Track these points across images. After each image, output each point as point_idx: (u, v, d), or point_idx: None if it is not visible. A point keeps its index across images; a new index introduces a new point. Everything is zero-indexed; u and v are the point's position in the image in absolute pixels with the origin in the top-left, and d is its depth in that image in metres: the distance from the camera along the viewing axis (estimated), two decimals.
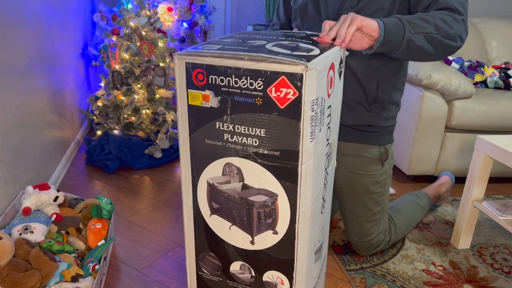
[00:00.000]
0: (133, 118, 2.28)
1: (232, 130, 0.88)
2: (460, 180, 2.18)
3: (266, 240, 0.96)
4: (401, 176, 2.25)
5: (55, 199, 1.37)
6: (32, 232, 1.23)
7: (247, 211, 0.94)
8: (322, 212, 1.03)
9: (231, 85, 0.84)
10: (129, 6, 2.53)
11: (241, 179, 0.92)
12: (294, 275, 0.97)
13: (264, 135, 0.85)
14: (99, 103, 2.30)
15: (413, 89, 2.07)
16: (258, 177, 0.90)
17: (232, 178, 0.93)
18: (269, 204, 0.91)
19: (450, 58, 2.25)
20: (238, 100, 0.85)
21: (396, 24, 1.08)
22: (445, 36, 1.13)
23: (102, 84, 2.38)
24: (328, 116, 0.94)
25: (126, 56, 2.24)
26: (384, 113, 1.37)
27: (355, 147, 1.39)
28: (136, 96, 2.24)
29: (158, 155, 2.25)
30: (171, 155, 2.32)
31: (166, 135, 2.30)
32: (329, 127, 0.96)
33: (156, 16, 2.30)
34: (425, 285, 1.41)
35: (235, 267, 1.03)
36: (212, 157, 0.93)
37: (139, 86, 2.25)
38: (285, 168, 0.87)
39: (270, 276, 1.00)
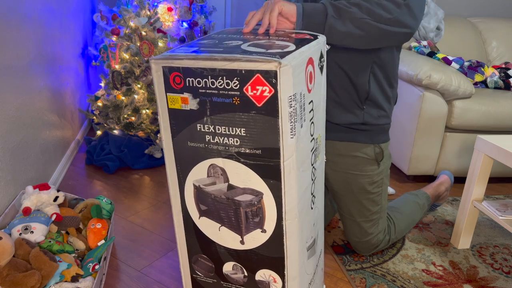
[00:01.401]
0: (133, 118, 2.28)
1: (213, 131, 0.88)
2: (460, 180, 2.18)
3: (255, 239, 0.96)
4: (401, 176, 2.25)
5: (55, 199, 1.37)
6: (32, 232, 1.23)
7: (235, 211, 0.94)
8: (312, 208, 1.03)
9: (208, 86, 0.84)
10: (129, 6, 2.53)
11: (226, 179, 0.92)
12: (285, 272, 0.97)
13: (244, 134, 0.85)
14: (99, 103, 2.30)
15: (413, 89, 2.07)
16: (242, 176, 0.90)
17: (217, 179, 0.93)
18: (255, 203, 0.92)
19: (450, 58, 2.25)
20: (216, 100, 0.85)
21: (317, 10, 1.09)
22: (378, 20, 1.11)
23: (102, 84, 2.38)
24: (310, 112, 0.94)
25: (126, 56, 2.24)
26: (377, 111, 1.36)
27: (349, 146, 1.38)
28: (136, 96, 2.24)
29: (158, 155, 2.25)
30: None
31: None
32: (312, 122, 0.96)
33: (156, 16, 2.30)
34: (425, 285, 1.41)
35: (228, 267, 1.03)
36: (196, 159, 0.93)
37: (139, 86, 2.25)
38: (268, 166, 0.87)
39: (263, 275, 1.00)
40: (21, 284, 1.07)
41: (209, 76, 0.83)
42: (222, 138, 0.88)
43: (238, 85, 0.81)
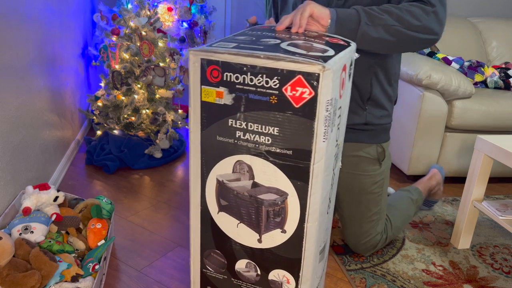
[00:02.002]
0: (133, 118, 2.28)
1: (245, 127, 0.88)
2: (460, 180, 2.18)
3: (274, 239, 0.96)
4: (401, 176, 2.25)
5: (55, 199, 1.37)
6: (32, 232, 1.23)
7: (256, 209, 0.94)
8: (328, 213, 1.04)
9: (246, 82, 0.84)
10: (129, 6, 2.53)
11: (252, 177, 0.92)
12: (300, 274, 0.97)
13: (277, 134, 0.86)
14: (99, 103, 2.30)
15: (413, 89, 2.07)
16: (269, 175, 0.90)
17: (242, 175, 0.93)
18: (279, 203, 0.92)
19: (450, 58, 2.25)
20: (253, 98, 0.85)
21: (351, 15, 1.10)
22: (408, 27, 1.12)
23: (102, 84, 2.38)
24: (338, 117, 0.94)
25: (126, 56, 2.24)
26: (380, 111, 1.37)
27: (352, 146, 1.38)
28: (136, 96, 2.24)
29: (158, 155, 2.25)
30: (171, 155, 2.32)
31: (166, 135, 2.30)
32: (338, 128, 0.97)
33: (156, 16, 2.30)
34: (425, 285, 1.41)
35: (241, 265, 1.03)
36: (223, 154, 0.93)
37: (139, 86, 2.25)
38: (297, 167, 0.87)
39: (276, 275, 1.00)
40: (21, 284, 1.07)
41: (249, 73, 0.83)
42: (254, 135, 0.88)
43: (278, 84, 0.82)
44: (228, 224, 1.00)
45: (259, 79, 0.83)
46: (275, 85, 0.82)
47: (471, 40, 2.60)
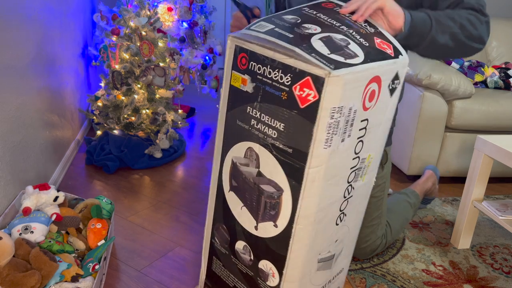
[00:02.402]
0: (133, 118, 2.28)
1: (259, 117, 0.90)
2: (460, 180, 2.18)
3: (266, 230, 0.97)
4: (401, 176, 2.25)
5: (55, 199, 1.37)
6: (32, 232, 1.23)
7: (257, 197, 0.96)
8: (338, 224, 1.02)
9: (265, 74, 0.86)
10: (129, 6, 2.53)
11: (258, 165, 0.94)
12: (284, 272, 0.98)
13: (282, 130, 0.87)
14: (99, 103, 2.30)
15: (413, 89, 2.07)
16: (271, 168, 0.91)
17: (251, 162, 0.96)
18: (275, 196, 0.93)
19: None
20: (268, 90, 0.86)
21: (423, 20, 1.06)
22: (468, 36, 1.11)
23: (102, 84, 2.38)
24: (361, 130, 0.92)
25: (126, 56, 2.24)
26: None
27: None
28: (136, 96, 2.24)
29: (158, 155, 2.25)
30: (171, 155, 2.32)
31: (166, 135, 2.30)
32: (361, 141, 0.94)
33: (156, 16, 2.30)
34: (425, 285, 1.41)
35: (239, 245, 1.06)
36: (239, 138, 0.96)
37: (139, 86, 2.25)
38: (294, 167, 0.87)
39: (265, 265, 1.01)
40: (21, 284, 1.07)
41: (269, 66, 0.85)
42: (264, 126, 0.90)
43: (290, 82, 0.82)
44: (235, 204, 1.03)
45: (275, 73, 0.84)
46: (287, 81, 0.83)
47: None
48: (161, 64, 2.27)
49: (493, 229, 1.79)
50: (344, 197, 1.00)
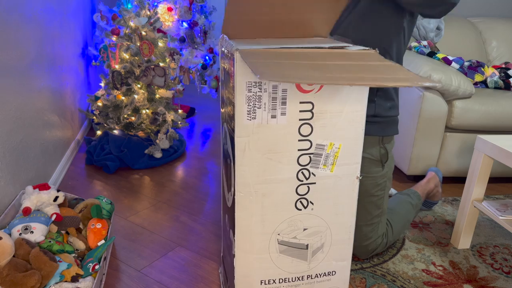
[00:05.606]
0: (133, 118, 2.28)
1: (225, 96, 1.05)
2: (460, 180, 2.18)
3: (229, 199, 1.05)
4: (401, 176, 2.25)
5: (55, 199, 1.37)
6: (32, 232, 1.23)
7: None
8: (300, 209, 1.01)
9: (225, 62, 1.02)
10: (129, 6, 2.53)
11: (227, 141, 1.07)
12: (235, 238, 1.02)
13: (233, 101, 0.94)
14: (99, 103, 2.30)
15: (413, 89, 2.07)
16: (228, 140, 1.01)
17: (226, 139, 1.10)
18: (230, 164, 1.01)
19: (450, 58, 2.24)
20: (226, 68, 1.01)
21: None
22: None
23: (102, 84, 2.38)
24: (303, 112, 0.92)
25: (126, 56, 2.24)
26: (388, 102, 1.36)
27: None
28: (136, 96, 2.24)
29: (158, 155, 2.25)
30: (171, 155, 2.32)
31: (166, 135, 2.30)
32: (308, 124, 0.94)
33: (156, 16, 2.30)
34: (425, 285, 1.41)
35: (226, 218, 1.17)
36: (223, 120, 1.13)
37: (139, 86, 2.25)
38: (231, 137, 0.96)
39: (231, 232, 1.07)
40: (21, 284, 1.07)
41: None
42: (228, 105, 1.00)
43: (232, 66, 0.92)
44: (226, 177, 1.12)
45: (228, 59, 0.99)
46: (230, 56, 0.92)
47: (471, 40, 2.60)
48: (161, 64, 2.27)
49: (493, 229, 1.79)
50: (299, 179, 0.98)
